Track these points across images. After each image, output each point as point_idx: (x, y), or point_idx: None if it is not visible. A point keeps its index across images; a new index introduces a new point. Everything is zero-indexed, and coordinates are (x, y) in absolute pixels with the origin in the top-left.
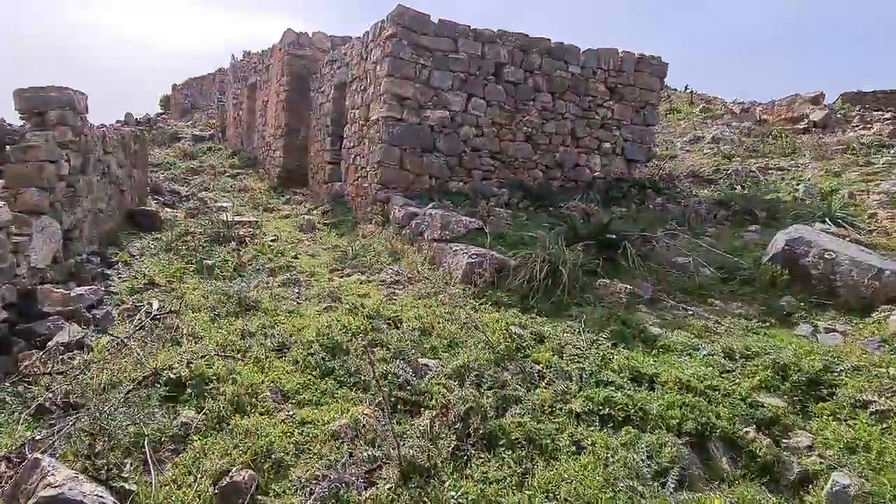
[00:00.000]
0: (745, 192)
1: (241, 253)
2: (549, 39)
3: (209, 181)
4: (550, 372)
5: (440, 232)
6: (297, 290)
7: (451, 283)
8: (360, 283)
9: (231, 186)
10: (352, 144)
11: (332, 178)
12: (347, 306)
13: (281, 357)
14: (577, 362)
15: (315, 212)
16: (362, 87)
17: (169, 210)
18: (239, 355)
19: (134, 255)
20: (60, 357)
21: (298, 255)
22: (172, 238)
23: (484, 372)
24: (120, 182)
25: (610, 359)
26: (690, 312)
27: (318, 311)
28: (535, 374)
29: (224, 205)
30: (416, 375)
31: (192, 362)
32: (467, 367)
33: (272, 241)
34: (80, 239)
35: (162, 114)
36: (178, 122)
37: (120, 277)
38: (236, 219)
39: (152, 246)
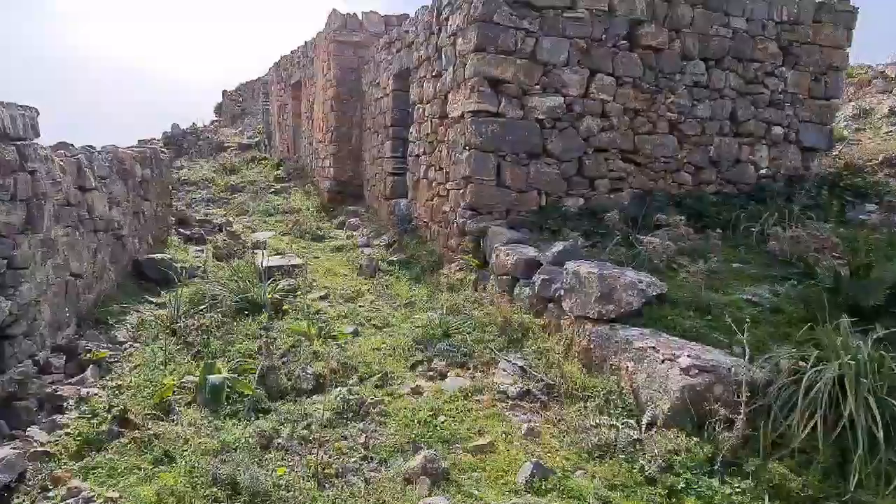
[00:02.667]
0: None
1: (273, 340)
2: None
3: (249, 201)
4: None
5: (601, 305)
6: (363, 434)
7: (645, 420)
8: (465, 398)
9: (274, 208)
10: (421, 151)
11: (395, 192)
12: None
13: None
14: None
15: (376, 242)
16: (434, 72)
17: (193, 249)
18: None
19: (119, 346)
20: None
21: (360, 330)
22: (181, 308)
23: None
24: (116, 227)
25: None
26: None
27: None
28: None
29: (262, 237)
30: None
31: None
32: None
33: (321, 298)
34: (34, 332)
35: (215, 121)
36: (228, 129)
37: (80, 404)
38: (275, 261)
39: (152, 322)
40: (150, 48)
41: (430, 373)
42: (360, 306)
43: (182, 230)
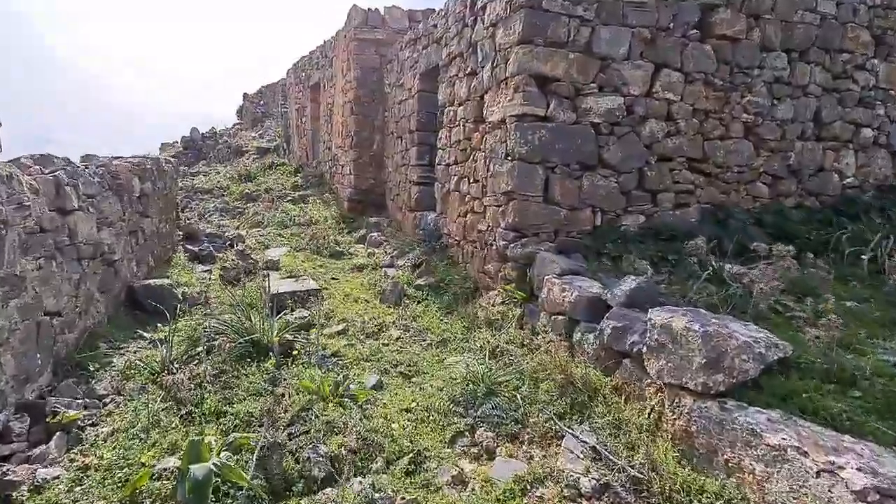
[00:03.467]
0: None
1: (280, 398)
2: None
3: (264, 211)
4: None
5: (706, 375)
6: None
7: None
8: (523, 493)
9: (290, 219)
10: (452, 159)
11: (421, 204)
12: None
13: None
14: None
15: (401, 262)
16: (467, 70)
17: (200, 269)
18: None
19: (99, 401)
20: None
21: (385, 381)
22: (175, 351)
23: None
24: (107, 251)
25: None
26: None
27: None
28: None
29: (275, 255)
30: None
31: None
32: None
33: (339, 333)
34: None
35: (237, 124)
36: (248, 132)
37: (32, 495)
38: (288, 286)
39: (140, 367)
40: (151, 49)
41: (475, 449)
42: (383, 344)
43: (189, 246)
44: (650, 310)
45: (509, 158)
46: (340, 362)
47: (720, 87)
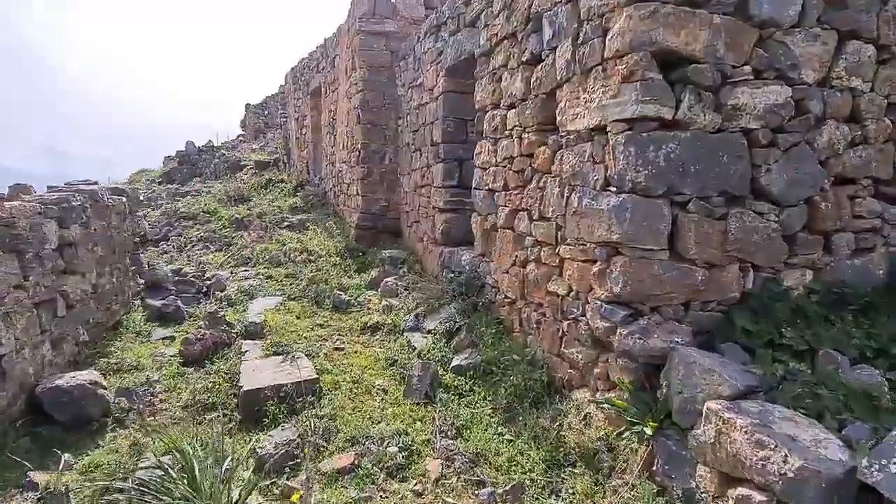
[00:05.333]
0: None
1: None
2: None
3: (256, 243)
4: None
5: None
6: None
7: None
8: None
9: (285, 253)
10: (499, 184)
11: (449, 237)
12: None
13: None
14: None
15: (430, 323)
16: (524, 56)
17: (159, 334)
18: None
19: None
20: None
21: None
22: None
23: None
24: None
25: None
26: None
27: None
28: None
29: (258, 313)
30: None
31: None
32: None
33: (345, 471)
34: None
35: (240, 135)
36: (249, 144)
37: None
38: (270, 374)
39: None
40: (166, 61)
41: None
42: (416, 493)
43: (151, 301)
44: None
45: (613, 189)
46: None
47: None
